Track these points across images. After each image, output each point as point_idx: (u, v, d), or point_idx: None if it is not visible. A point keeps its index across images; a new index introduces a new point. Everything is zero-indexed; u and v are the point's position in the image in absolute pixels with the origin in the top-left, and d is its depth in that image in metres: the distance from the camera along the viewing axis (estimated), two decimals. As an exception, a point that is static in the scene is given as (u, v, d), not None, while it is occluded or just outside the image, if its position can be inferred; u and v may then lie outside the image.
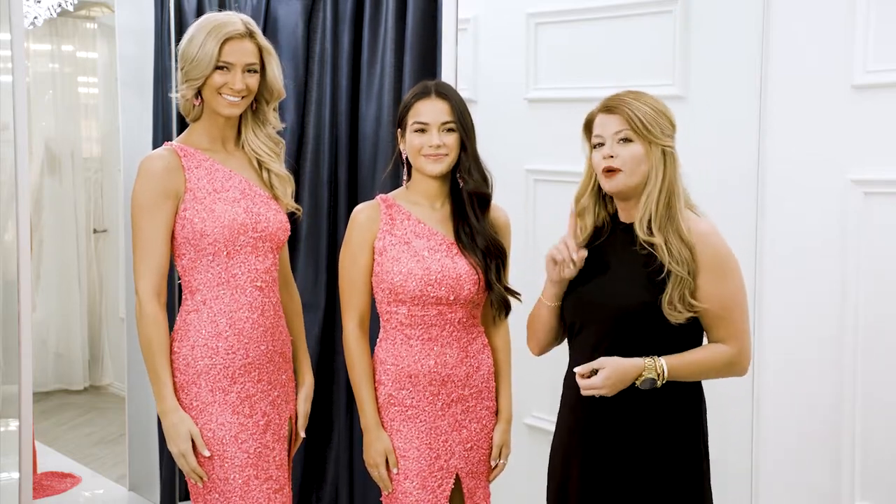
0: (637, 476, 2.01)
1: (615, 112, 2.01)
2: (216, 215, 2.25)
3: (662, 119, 2.01)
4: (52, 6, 4.95)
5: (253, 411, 2.27)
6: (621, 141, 2.00)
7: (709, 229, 2.00)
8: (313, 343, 3.18)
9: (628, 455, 2.02)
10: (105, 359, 6.02)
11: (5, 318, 3.71)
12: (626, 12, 3.05)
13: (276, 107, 2.40)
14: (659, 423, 2.01)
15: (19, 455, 2.90)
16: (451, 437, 2.29)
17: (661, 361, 1.95)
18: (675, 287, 1.93)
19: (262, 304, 2.30)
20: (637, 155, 1.99)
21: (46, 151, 5.80)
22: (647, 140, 1.99)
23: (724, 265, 1.98)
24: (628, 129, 1.99)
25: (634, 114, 1.99)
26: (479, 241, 2.27)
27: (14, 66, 2.81)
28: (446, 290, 2.23)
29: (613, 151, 2.00)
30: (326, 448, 3.29)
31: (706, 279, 1.96)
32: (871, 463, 2.63)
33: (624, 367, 1.94)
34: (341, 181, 3.16)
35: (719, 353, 1.99)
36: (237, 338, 2.26)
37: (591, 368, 1.94)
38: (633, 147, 2.00)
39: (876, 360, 2.61)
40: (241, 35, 2.27)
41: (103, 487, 4.27)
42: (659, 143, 1.99)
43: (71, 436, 5.03)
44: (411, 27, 2.87)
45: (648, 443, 2.01)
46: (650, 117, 1.99)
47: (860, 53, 2.58)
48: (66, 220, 5.85)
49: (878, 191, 2.57)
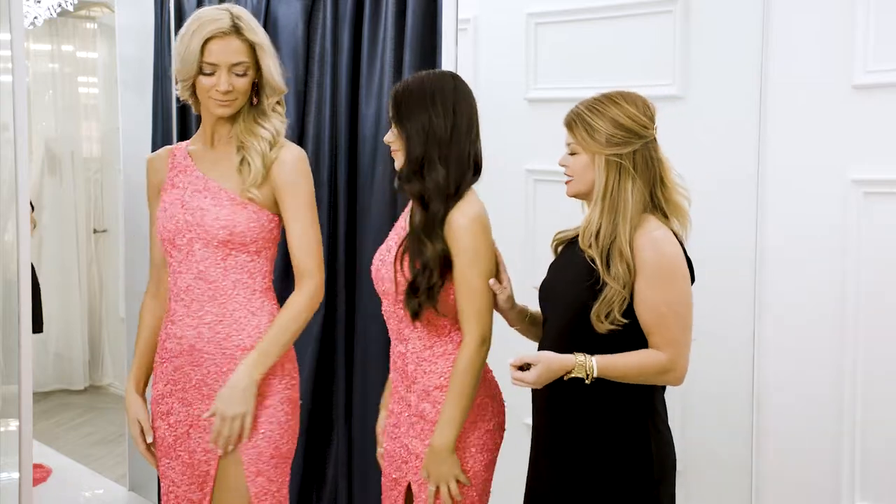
0: (579, 480, 2.07)
1: (566, 122, 2.10)
2: (163, 214, 2.31)
3: (609, 126, 2.02)
4: (52, 6, 4.96)
5: (177, 405, 2.33)
6: (571, 154, 2.10)
7: (661, 236, 2.01)
8: (313, 343, 3.18)
9: (571, 458, 2.08)
10: (105, 359, 6.02)
11: (5, 318, 3.71)
12: (626, 12, 3.05)
13: (282, 100, 2.34)
14: (604, 428, 2.05)
15: (19, 455, 2.89)
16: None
17: (591, 361, 1.97)
18: (604, 301, 1.98)
19: (196, 299, 2.27)
20: (582, 164, 2.07)
21: (46, 151, 5.80)
22: (589, 150, 2.05)
23: (666, 273, 1.99)
24: (573, 140, 2.08)
25: (579, 127, 2.06)
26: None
27: (14, 66, 2.81)
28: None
29: (564, 161, 2.11)
30: (326, 448, 3.29)
31: (645, 284, 1.98)
32: (871, 463, 2.63)
33: (555, 365, 1.97)
34: (341, 181, 3.16)
35: (652, 360, 2.00)
36: (165, 331, 2.34)
37: (525, 362, 1.98)
38: (577, 158, 2.08)
39: (876, 360, 2.61)
40: (225, 33, 2.19)
41: (103, 487, 4.27)
42: (601, 152, 2.03)
43: (71, 436, 5.03)
44: (411, 27, 2.87)
45: (595, 448, 2.06)
46: (593, 128, 2.03)
47: (860, 53, 2.58)
48: (66, 220, 5.86)
49: (878, 191, 2.57)
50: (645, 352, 2.01)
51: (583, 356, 1.98)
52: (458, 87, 2.18)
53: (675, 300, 1.99)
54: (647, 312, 1.99)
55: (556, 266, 2.18)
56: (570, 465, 2.07)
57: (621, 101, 2.05)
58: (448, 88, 2.16)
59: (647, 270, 1.98)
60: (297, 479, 3.21)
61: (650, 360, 2.00)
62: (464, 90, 2.18)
